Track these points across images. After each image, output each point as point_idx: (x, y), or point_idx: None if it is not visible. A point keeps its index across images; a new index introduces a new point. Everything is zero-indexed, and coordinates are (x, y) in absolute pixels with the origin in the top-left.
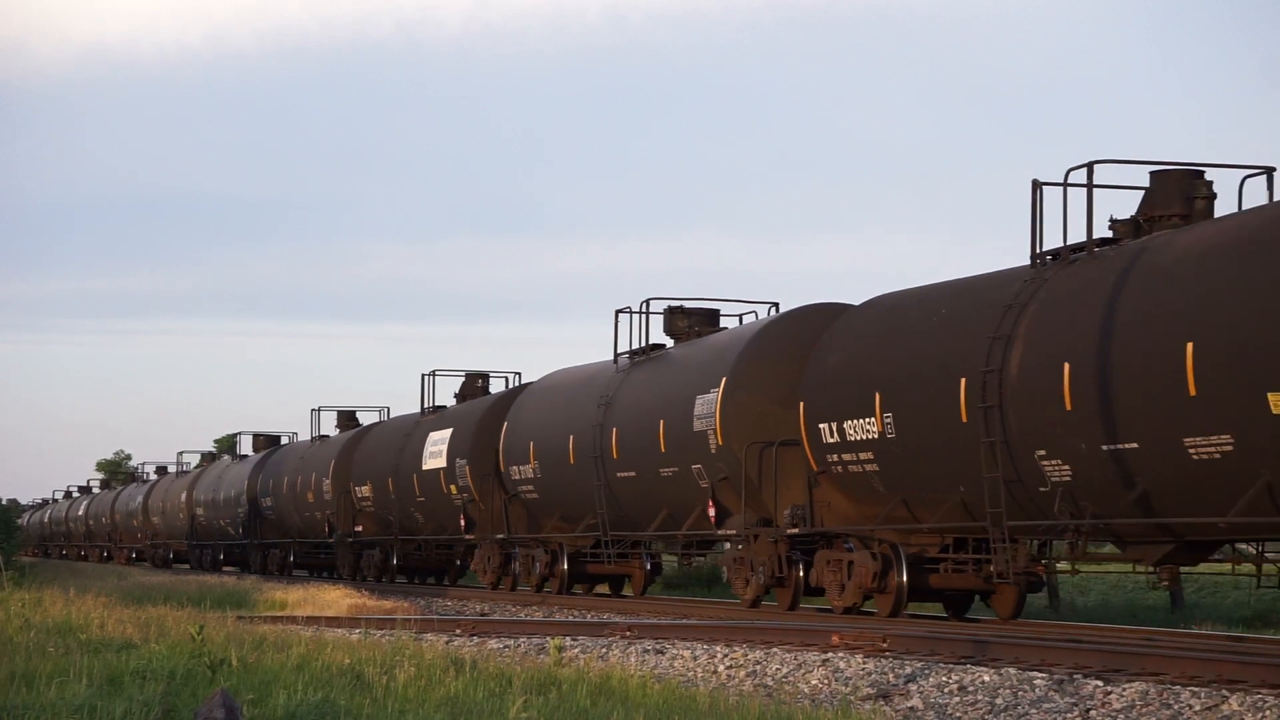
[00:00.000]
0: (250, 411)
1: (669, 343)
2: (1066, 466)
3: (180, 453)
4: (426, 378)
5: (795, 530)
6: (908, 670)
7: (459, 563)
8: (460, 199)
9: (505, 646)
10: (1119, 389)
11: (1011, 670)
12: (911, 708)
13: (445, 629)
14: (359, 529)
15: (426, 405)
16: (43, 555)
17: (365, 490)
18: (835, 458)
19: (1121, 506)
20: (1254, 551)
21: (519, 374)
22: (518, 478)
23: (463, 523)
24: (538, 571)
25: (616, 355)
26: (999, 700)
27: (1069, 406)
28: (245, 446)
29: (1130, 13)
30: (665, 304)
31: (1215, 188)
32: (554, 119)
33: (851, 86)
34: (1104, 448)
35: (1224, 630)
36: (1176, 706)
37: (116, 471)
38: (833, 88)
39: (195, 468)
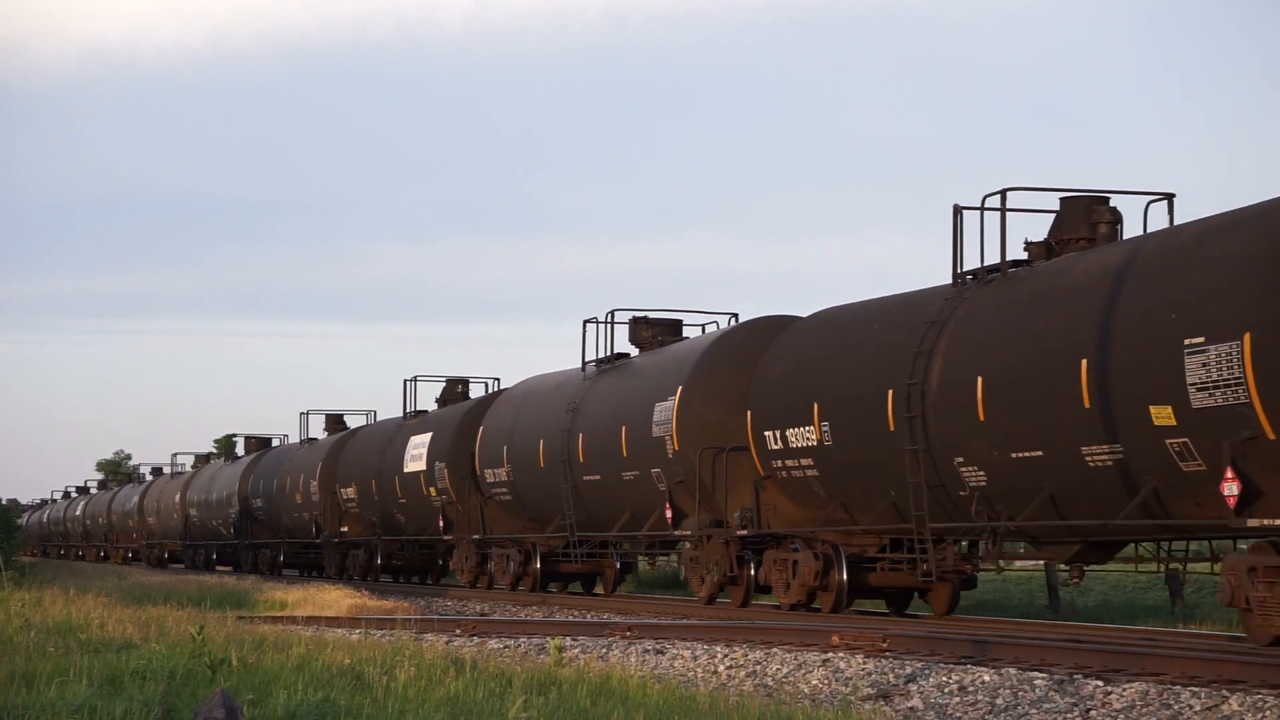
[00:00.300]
0: (250, 411)
1: (634, 352)
2: (982, 473)
3: (174, 454)
4: (408, 383)
5: (744, 532)
6: (908, 670)
7: (440, 562)
8: (459, 199)
9: (505, 646)
10: (1025, 401)
11: (1011, 670)
12: (911, 708)
13: (445, 629)
14: (345, 529)
15: (408, 410)
16: (42, 555)
17: (350, 492)
18: (780, 463)
19: (1031, 510)
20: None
21: (498, 379)
22: (492, 480)
23: (441, 523)
24: (512, 571)
25: (584, 363)
26: (999, 700)
27: (982, 417)
28: (244, 448)
29: (1130, 13)
30: (632, 314)
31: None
32: (553, 119)
33: (851, 86)
34: (1013, 455)
35: (1224, 630)
36: (1176, 706)
37: (116, 472)
38: (833, 88)
39: (190, 469)
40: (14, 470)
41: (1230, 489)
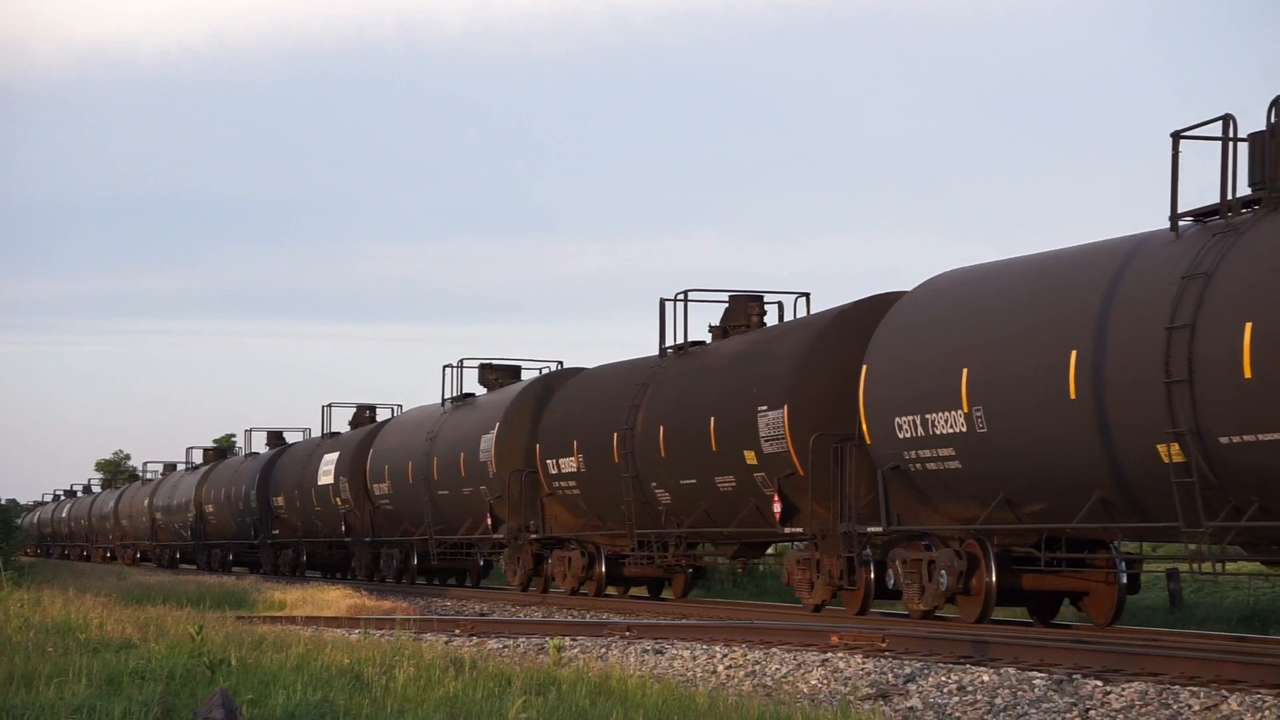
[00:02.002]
0: (250, 411)
1: (481, 391)
2: (667, 493)
3: (145, 463)
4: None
5: (535, 535)
6: (907, 670)
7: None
8: (460, 199)
9: (504, 646)
10: (684, 444)
11: (1011, 670)
12: (911, 708)
13: (444, 629)
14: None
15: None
16: (43, 555)
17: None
18: (556, 485)
19: (695, 519)
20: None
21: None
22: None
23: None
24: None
25: (444, 400)
26: (998, 700)
27: (663, 455)
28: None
29: (1130, 13)
30: (480, 361)
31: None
32: (555, 119)
33: (852, 86)
34: (681, 482)
35: (1224, 630)
36: (1176, 706)
37: (116, 471)
38: (833, 87)
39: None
40: (14, 470)
41: (777, 508)
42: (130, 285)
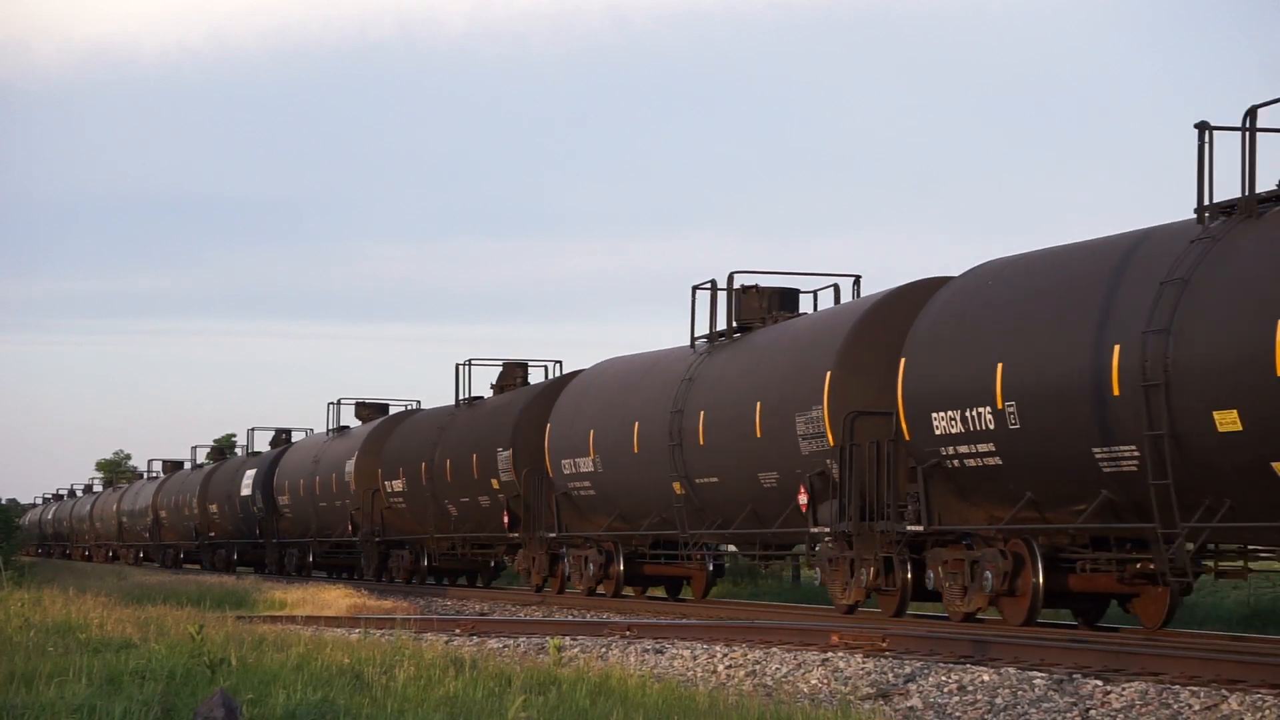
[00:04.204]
0: (250, 411)
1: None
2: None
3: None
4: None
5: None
6: (907, 670)
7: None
8: (461, 199)
9: (505, 646)
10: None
11: (1011, 670)
12: (911, 707)
13: (445, 629)
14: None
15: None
16: (43, 555)
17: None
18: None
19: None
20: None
21: (559, 362)
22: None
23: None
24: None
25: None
26: (998, 700)
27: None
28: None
29: (1130, 13)
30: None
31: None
32: (555, 119)
33: (851, 86)
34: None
35: (1224, 630)
36: (1176, 706)
37: (117, 471)
38: (833, 88)
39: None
40: (14, 470)
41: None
42: (130, 285)
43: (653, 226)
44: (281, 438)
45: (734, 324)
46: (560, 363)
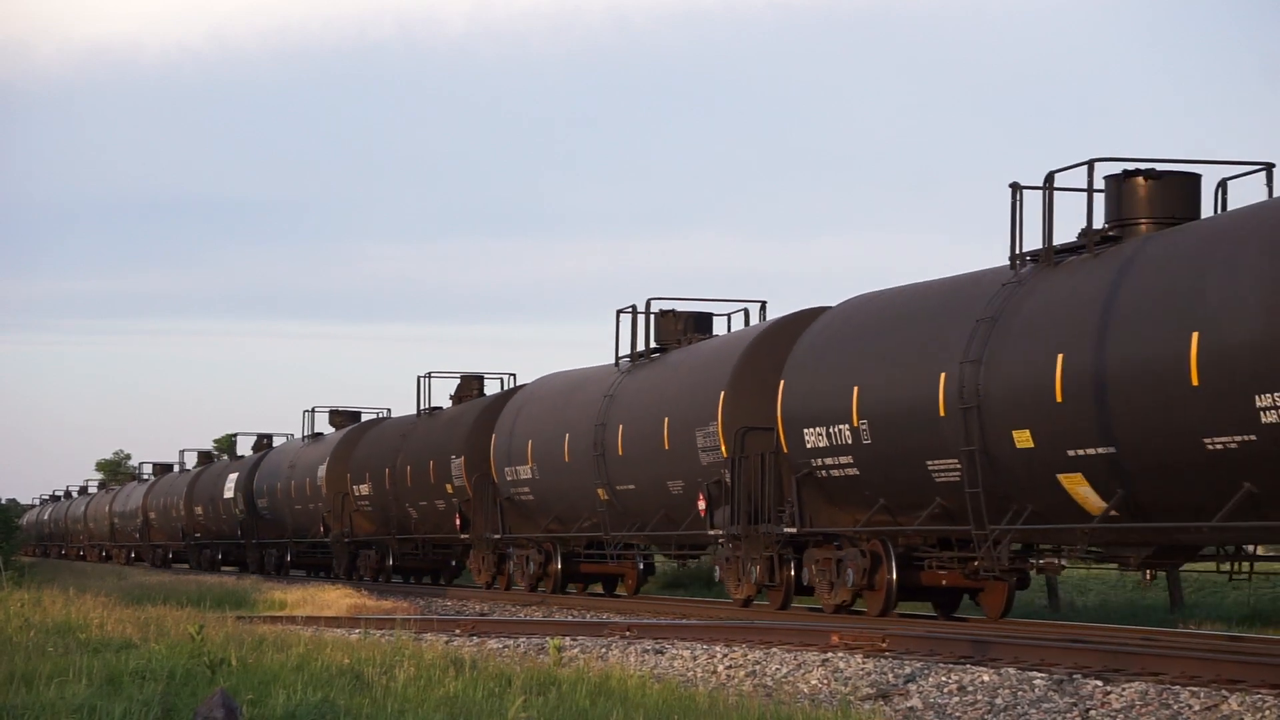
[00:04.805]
0: (251, 411)
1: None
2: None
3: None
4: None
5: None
6: (907, 670)
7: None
8: (460, 199)
9: (505, 646)
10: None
11: (1011, 670)
12: (911, 708)
13: (445, 629)
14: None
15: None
16: (43, 555)
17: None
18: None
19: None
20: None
21: (514, 374)
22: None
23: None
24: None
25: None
26: (998, 700)
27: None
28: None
29: (1130, 13)
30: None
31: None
32: (555, 119)
33: (851, 86)
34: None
35: (1224, 630)
36: (1176, 706)
37: (116, 471)
38: (833, 88)
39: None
40: (14, 470)
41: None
42: (130, 285)
43: (653, 226)
44: (263, 442)
45: (651, 345)
46: (514, 375)
